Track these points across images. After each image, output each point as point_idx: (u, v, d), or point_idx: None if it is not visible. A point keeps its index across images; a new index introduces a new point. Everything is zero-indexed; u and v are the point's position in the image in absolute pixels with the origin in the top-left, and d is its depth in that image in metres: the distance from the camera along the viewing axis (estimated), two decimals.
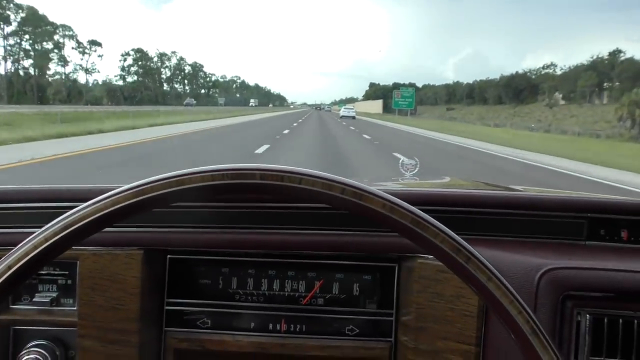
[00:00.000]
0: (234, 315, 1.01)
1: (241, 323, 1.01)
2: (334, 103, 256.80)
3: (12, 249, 0.52)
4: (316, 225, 1.01)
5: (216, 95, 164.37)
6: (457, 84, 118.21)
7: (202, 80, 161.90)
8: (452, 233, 0.54)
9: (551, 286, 0.85)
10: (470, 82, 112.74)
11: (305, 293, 1.02)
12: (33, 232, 0.53)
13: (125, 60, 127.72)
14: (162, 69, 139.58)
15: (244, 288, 1.02)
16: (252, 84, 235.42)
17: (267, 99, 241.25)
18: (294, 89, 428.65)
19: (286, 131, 26.48)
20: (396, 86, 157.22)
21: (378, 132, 31.43)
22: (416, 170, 1.78)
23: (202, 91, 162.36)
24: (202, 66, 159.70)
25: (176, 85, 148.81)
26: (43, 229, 0.52)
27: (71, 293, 1.00)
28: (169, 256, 1.02)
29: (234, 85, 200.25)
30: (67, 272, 1.01)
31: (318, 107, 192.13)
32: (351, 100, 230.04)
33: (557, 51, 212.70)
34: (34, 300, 1.01)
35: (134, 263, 0.97)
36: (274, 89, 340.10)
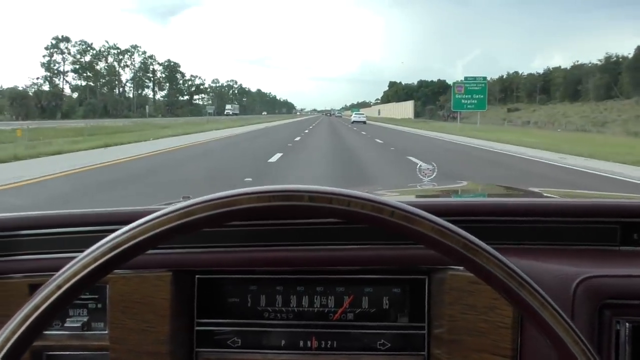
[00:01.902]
0: (264, 333, 1.01)
1: (271, 341, 1.00)
2: (345, 108, 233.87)
3: (54, 274, 0.53)
4: (343, 240, 1.00)
5: (208, 102, 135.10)
6: (515, 76, 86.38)
7: (180, 84, 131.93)
8: (504, 258, 0.53)
9: (588, 295, 0.84)
10: (540, 72, 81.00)
11: (335, 308, 1.01)
12: (76, 257, 0.54)
13: (51, 56, 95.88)
14: (120, 69, 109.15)
15: (273, 305, 1.02)
16: (254, 89, 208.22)
17: (272, 106, 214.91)
18: (303, 95, 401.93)
19: None
20: (423, 83, 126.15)
21: None
22: (434, 175, 1.81)
23: (181, 97, 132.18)
24: (177, 65, 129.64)
25: (146, 91, 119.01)
26: (92, 248, 0.53)
27: (102, 317, 1.01)
28: (197, 276, 1.02)
29: (230, 92, 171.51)
30: (97, 296, 1.01)
31: (328, 113, 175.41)
32: (364, 105, 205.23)
33: (565, 50, 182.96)
34: (65, 325, 1.01)
35: (163, 285, 0.97)
36: (281, 95, 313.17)
